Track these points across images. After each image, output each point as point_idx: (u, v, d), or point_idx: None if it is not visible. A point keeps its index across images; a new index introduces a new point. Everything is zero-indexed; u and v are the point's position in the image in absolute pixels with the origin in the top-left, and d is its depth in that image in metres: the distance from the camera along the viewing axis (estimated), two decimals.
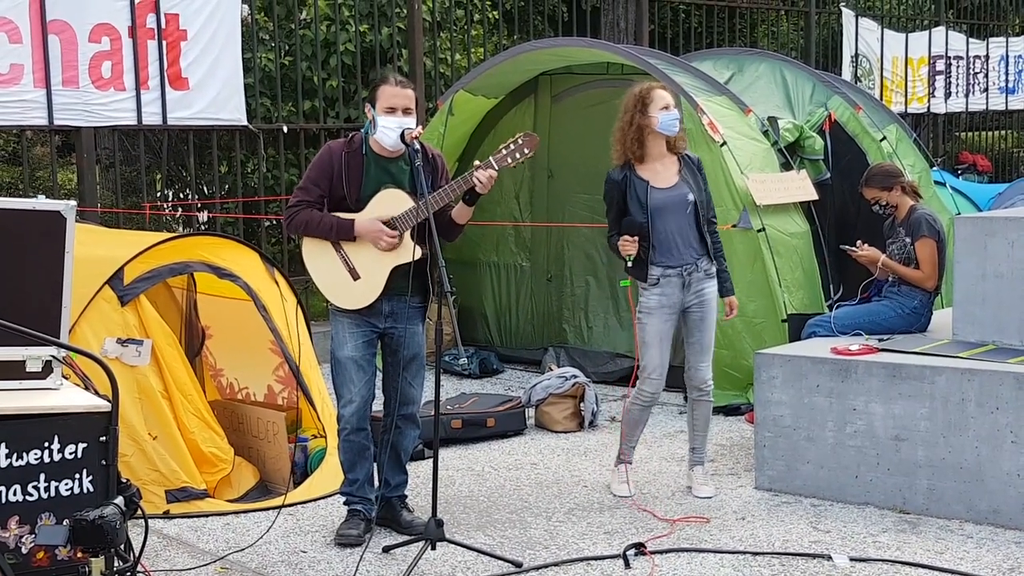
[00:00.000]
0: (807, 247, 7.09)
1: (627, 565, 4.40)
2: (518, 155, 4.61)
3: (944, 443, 4.91)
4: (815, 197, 7.25)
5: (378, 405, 4.88)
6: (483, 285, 8.57)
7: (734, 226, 6.78)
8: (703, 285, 5.18)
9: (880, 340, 5.54)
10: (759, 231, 6.82)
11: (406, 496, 4.94)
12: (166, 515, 4.99)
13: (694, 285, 5.16)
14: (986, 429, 4.81)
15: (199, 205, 9.31)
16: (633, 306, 5.26)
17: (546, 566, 4.41)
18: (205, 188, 9.85)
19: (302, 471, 5.51)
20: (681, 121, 5.25)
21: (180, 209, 9.76)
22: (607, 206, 5.26)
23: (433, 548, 4.40)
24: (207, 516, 5.05)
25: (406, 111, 4.64)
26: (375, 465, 4.85)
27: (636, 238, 5.08)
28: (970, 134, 14.70)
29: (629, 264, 5.14)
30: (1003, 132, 15.11)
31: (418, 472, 5.33)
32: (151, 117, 8.11)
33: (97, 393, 3.49)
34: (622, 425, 5.40)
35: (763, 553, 4.52)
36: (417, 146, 4.61)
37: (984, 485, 4.81)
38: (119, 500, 3.12)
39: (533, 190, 8.35)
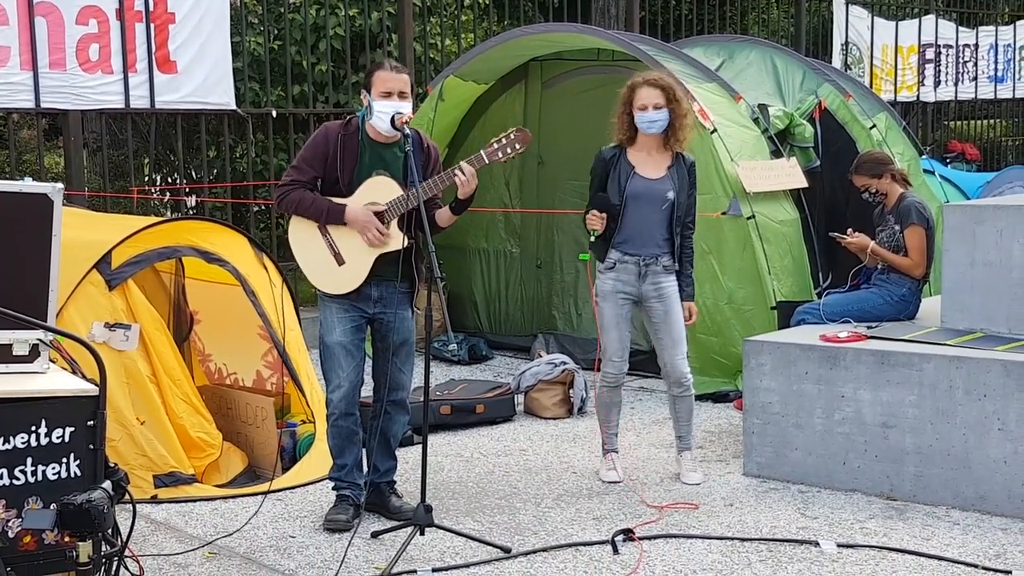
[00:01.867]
0: (796, 234, 7.10)
1: (615, 551, 4.41)
2: (509, 150, 4.61)
3: (932, 430, 4.92)
4: (805, 184, 7.26)
5: (367, 391, 4.87)
6: (472, 271, 8.57)
7: (724, 213, 6.79)
8: (661, 279, 5.16)
9: (869, 327, 5.55)
10: (749, 218, 6.82)
11: (395, 482, 4.93)
12: (154, 500, 4.97)
13: (651, 277, 5.14)
14: (973, 416, 4.82)
15: (187, 190, 9.27)
16: (592, 281, 5.25)
17: (535, 552, 4.41)
18: (193, 172, 9.81)
19: (290, 456, 5.50)
20: (677, 116, 5.13)
21: (168, 194, 9.72)
22: (591, 180, 5.26)
23: (422, 534, 4.40)
24: (195, 501, 5.04)
25: (402, 95, 4.62)
26: (364, 451, 4.84)
27: (604, 215, 5.08)
28: (959, 123, 14.73)
29: (592, 239, 5.14)
30: (992, 121, 15.15)
31: (407, 458, 5.33)
32: (139, 100, 8.07)
33: (85, 377, 3.47)
34: (598, 411, 5.41)
35: (751, 539, 4.53)
36: (407, 130, 4.59)
37: (971, 472, 4.83)
38: (107, 484, 3.11)
39: (523, 177, 8.34)
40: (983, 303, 5.32)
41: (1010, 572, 4.12)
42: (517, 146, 4.60)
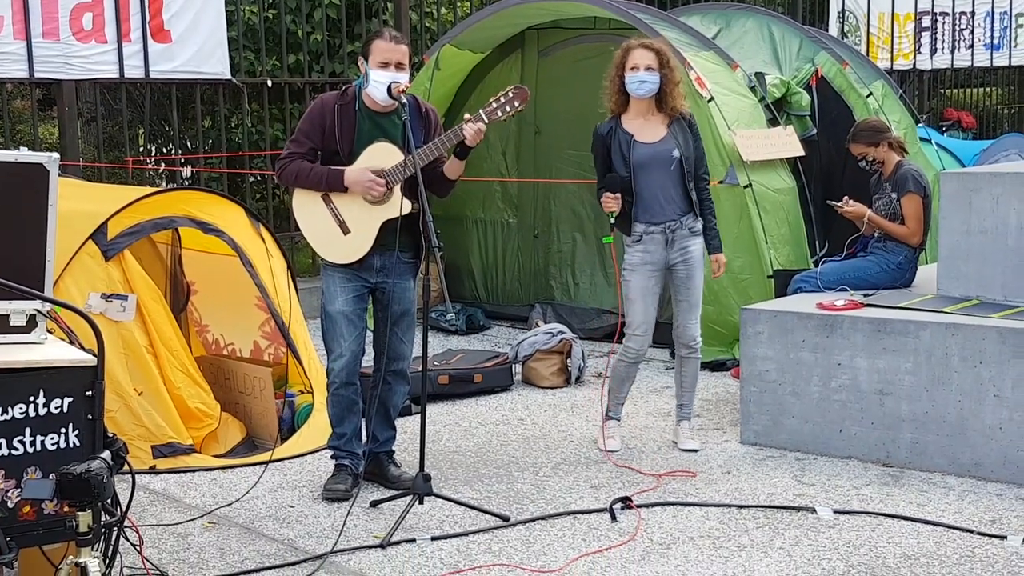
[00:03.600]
0: (793, 203, 7.09)
1: (614, 519, 4.43)
2: (508, 108, 4.58)
3: (927, 397, 4.94)
4: (801, 153, 7.24)
5: (367, 361, 4.87)
6: (470, 241, 8.56)
7: (721, 182, 6.77)
8: (687, 243, 5.17)
9: (865, 295, 5.56)
10: (746, 187, 6.81)
11: (394, 451, 4.95)
12: (152, 470, 4.99)
13: (678, 243, 5.15)
14: (969, 383, 4.84)
15: (182, 160, 9.24)
16: (616, 263, 5.25)
17: (533, 520, 4.44)
18: (188, 143, 9.77)
19: (289, 427, 5.51)
20: (669, 83, 5.13)
21: (163, 164, 9.69)
22: (594, 160, 5.24)
23: (421, 503, 4.42)
24: (194, 471, 5.06)
25: (399, 66, 4.60)
26: (363, 420, 4.85)
27: (618, 195, 5.06)
28: (955, 91, 14.68)
29: (612, 221, 5.13)
30: (988, 89, 15.09)
31: (405, 428, 5.34)
32: (133, 70, 8.02)
33: (82, 348, 3.47)
34: (609, 382, 5.41)
35: (748, 506, 4.55)
36: (404, 100, 4.57)
37: (966, 438, 4.85)
38: (105, 454, 3.11)
39: (520, 146, 8.31)
40: (979, 271, 5.33)
41: (1005, 537, 4.15)
42: (516, 104, 4.58)
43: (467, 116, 4.59)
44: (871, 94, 7.86)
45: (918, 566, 3.93)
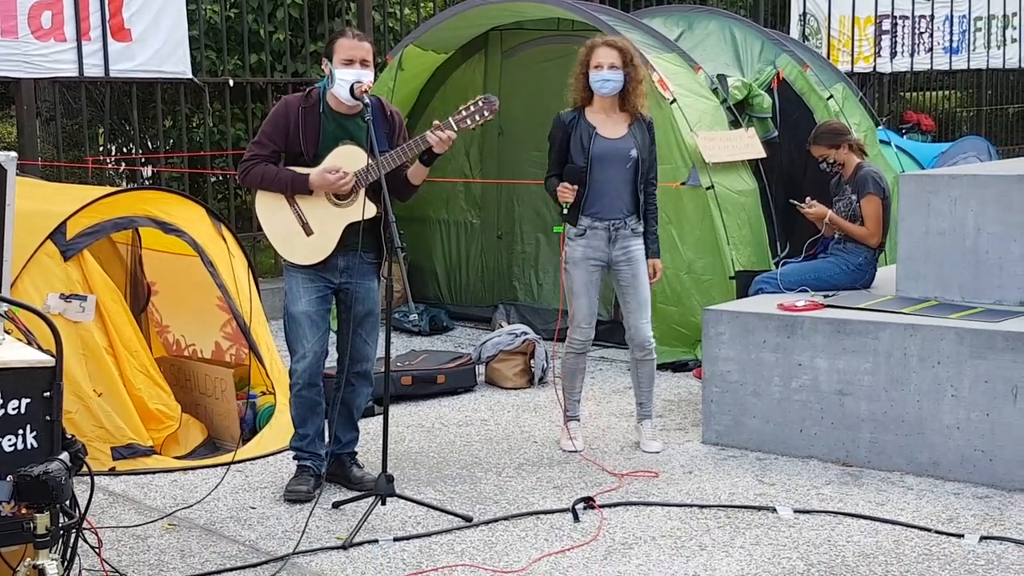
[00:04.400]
0: (755, 205, 7.15)
1: (576, 519, 4.44)
2: (478, 117, 4.59)
3: (886, 397, 5.00)
4: (763, 155, 7.30)
5: (330, 361, 4.85)
6: (433, 242, 8.55)
7: (683, 184, 6.81)
8: (629, 243, 5.19)
9: (825, 296, 5.61)
10: (708, 189, 6.86)
11: (356, 452, 4.93)
12: (112, 472, 4.94)
13: (620, 242, 5.17)
14: (927, 383, 4.90)
15: (143, 160, 9.16)
16: (563, 250, 5.27)
17: (496, 520, 4.44)
18: (149, 143, 9.69)
19: (251, 428, 5.48)
20: (632, 81, 5.16)
21: (123, 164, 9.60)
22: (550, 145, 5.26)
23: (383, 503, 4.41)
24: (154, 473, 5.01)
25: (363, 63, 4.59)
26: (326, 421, 4.83)
27: (575, 187, 5.09)
28: (915, 94, 14.85)
29: (564, 211, 5.15)
30: (947, 92, 15.28)
31: (368, 428, 5.33)
32: (93, 69, 7.94)
33: (40, 348, 3.43)
34: (562, 379, 5.43)
35: (710, 506, 4.58)
36: (367, 100, 4.56)
37: (925, 438, 4.91)
38: (64, 456, 3.08)
39: (484, 147, 8.31)
40: (937, 272, 5.39)
41: (962, 535, 4.20)
42: (486, 114, 4.59)
43: (436, 123, 4.59)
44: (832, 96, 7.93)
45: (877, 564, 3.97)
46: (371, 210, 4.54)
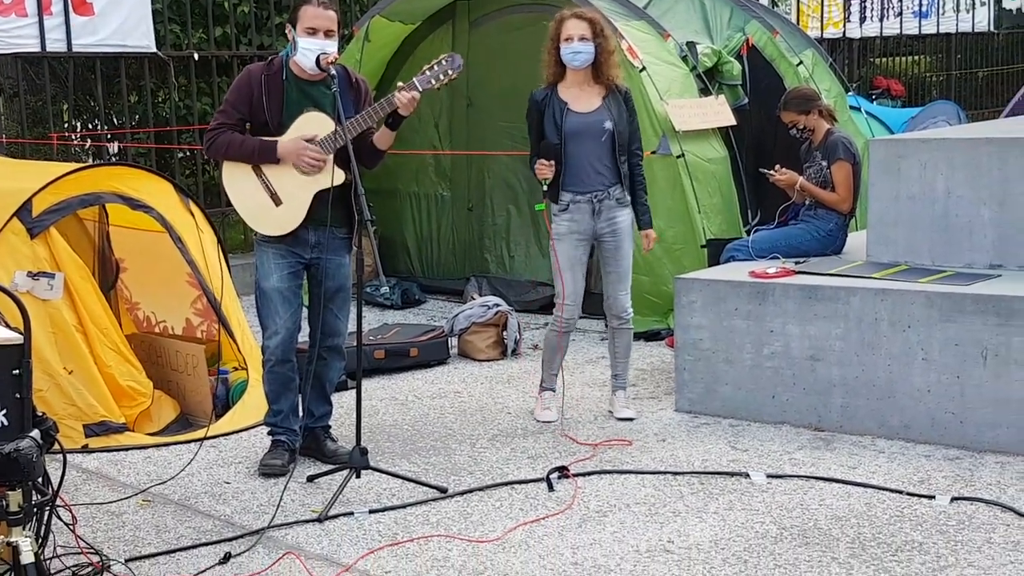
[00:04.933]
0: (725, 172, 7.15)
1: (551, 488, 4.46)
2: (442, 76, 4.55)
3: (857, 362, 5.03)
4: (733, 122, 7.30)
5: (303, 336, 4.83)
6: (403, 215, 8.51)
7: (653, 152, 6.80)
8: (614, 213, 5.18)
9: (797, 263, 5.63)
10: (678, 157, 6.85)
11: (330, 426, 4.92)
12: (85, 449, 4.91)
13: (605, 213, 5.16)
14: (898, 347, 4.93)
15: (109, 136, 9.05)
16: (550, 227, 5.27)
17: (471, 491, 4.44)
18: (114, 118, 9.57)
19: (223, 403, 5.45)
20: (604, 52, 5.13)
21: (89, 140, 9.48)
22: (528, 126, 5.24)
23: (358, 476, 4.40)
24: (127, 450, 4.99)
25: (328, 33, 4.54)
26: (299, 396, 4.82)
27: (552, 162, 5.07)
28: (884, 59, 14.89)
29: (545, 188, 5.14)
30: (916, 57, 15.34)
31: (341, 403, 5.32)
32: (55, 44, 7.83)
33: (8, 326, 3.39)
34: (544, 352, 5.43)
35: (683, 473, 4.61)
36: (333, 71, 4.51)
37: (895, 402, 4.95)
38: (35, 433, 3.06)
39: (452, 118, 8.27)
40: (907, 236, 5.42)
41: (933, 496, 4.24)
42: (450, 72, 4.55)
43: (400, 85, 4.55)
44: (801, 63, 7.94)
45: (849, 527, 4.01)
46: (340, 176, 4.50)
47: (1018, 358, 4.65)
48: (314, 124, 4.54)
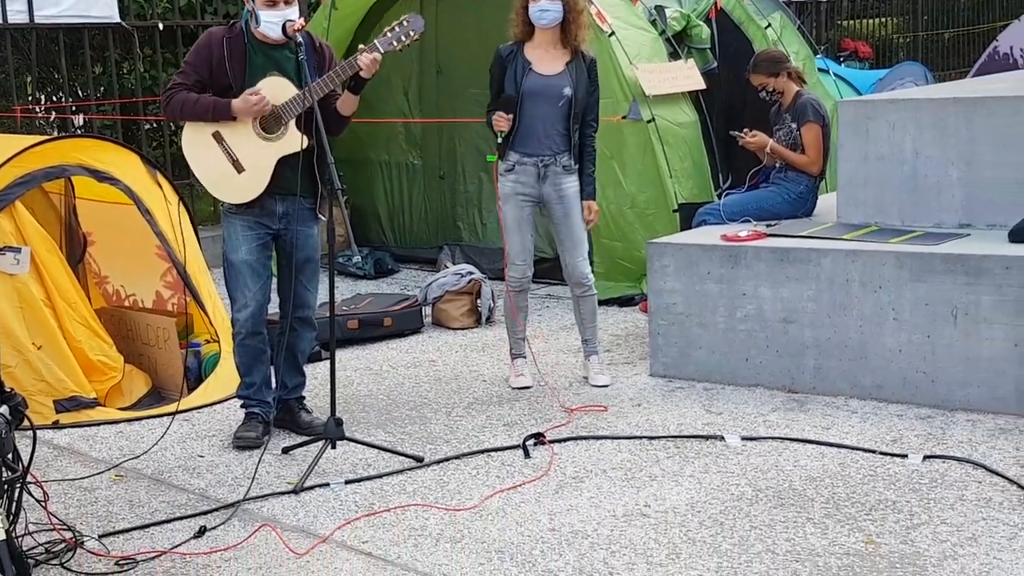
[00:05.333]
0: (696, 137, 7.14)
1: (527, 455, 4.46)
2: (403, 38, 4.50)
3: (830, 323, 5.05)
4: (703, 86, 7.28)
5: (273, 308, 4.80)
6: (375, 184, 8.45)
7: (624, 117, 6.78)
8: (561, 180, 5.16)
9: (768, 226, 5.64)
10: (649, 122, 6.83)
11: (304, 397, 4.90)
12: (56, 425, 4.87)
13: (551, 178, 5.14)
14: (869, 308, 4.96)
15: (73, 108, 8.92)
16: (497, 186, 5.25)
17: (447, 459, 4.44)
18: (79, 90, 9.43)
19: (196, 376, 5.42)
20: (572, 11, 5.10)
21: (53, 112, 9.35)
22: (490, 79, 5.22)
23: (333, 447, 4.39)
24: (98, 425, 4.95)
25: (287, 1, 4.48)
26: (272, 368, 4.79)
27: (510, 116, 5.05)
28: (851, 22, 14.89)
29: (499, 140, 5.12)
30: (883, 19, 15.35)
31: (316, 374, 5.30)
32: (17, 15, 7.70)
33: None
34: (505, 318, 5.43)
35: (659, 437, 4.62)
36: (300, 39, 4.46)
37: (867, 362, 4.98)
38: (3, 409, 3.02)
39: (422, 86, 8.21)
40: (877, 197, 5.44)
41: (906, 455, 4.28)
42: (411, 33, 4.50)
43: (361, 47, 4.51)
44: (769, 25, 7.92)
45: (823, 487, 4.04)
46: (304, 141, 4.45)
47: (987, 316, 4.69)
48: (276, 88, 4.48)
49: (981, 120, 5.20)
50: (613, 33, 6.87)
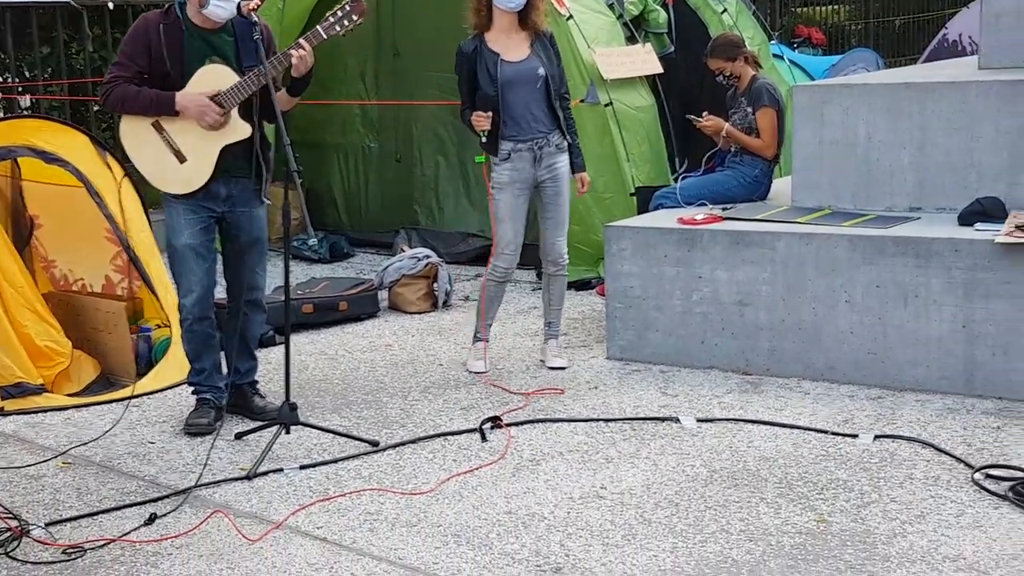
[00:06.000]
0: (653, 121, 7.15)
1: (483, 438, 4.45)
2: (347, 22, 4.42)
3: (784, 305, 5.08)
4: (660, 70, 7.28)
5: (221, 292, 4.73)
6: (331, 168, 8.38)
7: (582, 101, 6.77)
8: (555, 160, 5.17)
9: (724, 209, 5.65)
10: (607, 106, 6.83)
11: (257, 382, 4.85)
12: (0, 412, 4.78)
13: (545, 159, 5.14)
14: (822, 290, 4.99)
15: (20, 88, 8.75)
16: (488, 183, 5.23)
17: (403, 444, 4.42)
18: (26, 71, 9.25)
19: (146, 362, 5.34)
20: (534, 0, 5.10)
21: (0, 93, 9.17)
22: (458, 79, 5.18)
23: (287, 432, 4.34)
24: (45, 411, 4.86)
25: None
26: (222, 353, 4.72)
27: (490, 113, 5.02)
28: (805, 8, 15.00)
29: (483, 140, 5.09)
30: (836, 6, 15.47)
31: (270, 359, 5.24)
32: None
33: None
34: (479, 302, 5.41)
35: (615, 419, 4.62)
36: (255, 18, 4.39)
37: (820, 344, 5.01)
38: None
39: (379, 69, 8.14)
40: (831, 181, 5.47)
41: (857, 435, 4.31)
42: (355, 17, 4.43)
43: (298, 41, 4.42)
44: (725, 10, 7.94)
45: (777, 467, 4.06)
46: (246, 130, 4.39)
47: (937, 298, 4.73)
48: (216, 76, 4.39)
49: (933, 105, 5.24)
50: (571, 17, 6.85)
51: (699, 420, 4.57)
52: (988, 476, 3.86)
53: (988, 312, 4.64)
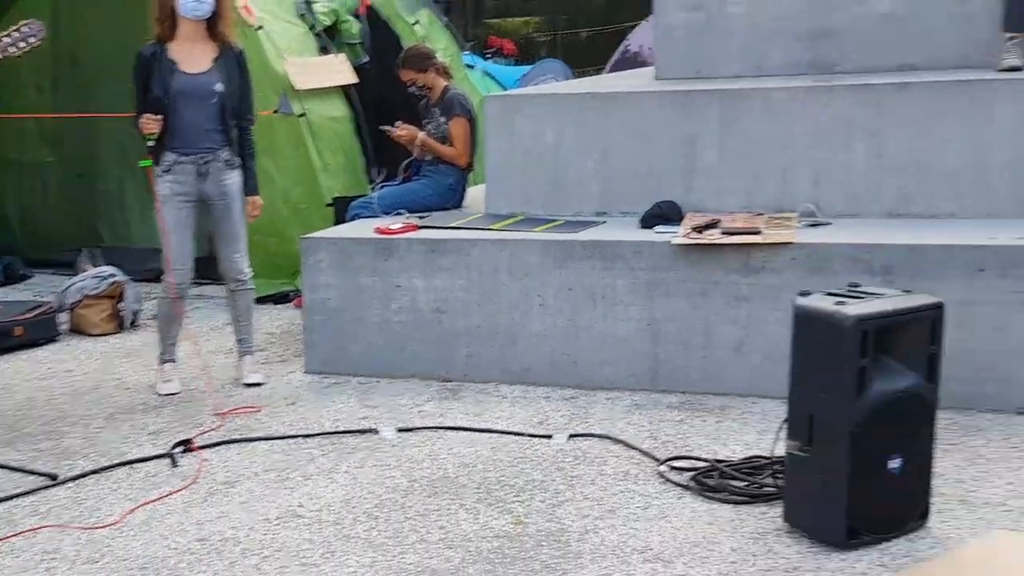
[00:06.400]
0: (348, 131, 7.10)
1: (174, 464, 4.23)
2: (23, 44, 4.17)
3: (480, 311, 5.15)
4: (355, 81, 7.24)
5: None
6: (5, 185, 7.80)
7: (276, 112, 6.63)
8: (223, 176, 5.00)
9: (421, 217, 5.68)
10: (300, 116, 6.72)
11: None
12: None
13: (213, 175, 4.97)
14: (516, 295, 5.10)
15: None
16: (155, 188, 4.98)
17: (84, 475, 4.12)
18: None
19: None
20: (223, 8, 4.90)
21: None
22: (134, 84, 4.92)
23: None
24: None
25: None
26: None
27: (160, 118, 4.80)
28: (497, 20, 15.46)
29: (150, 144, 4.85)
30: (527, 19, 16.05)
31: None
32: None
33: None
34: (158, 323, 5.16)
35: (313, 435, 4.52)
36: None
37: (516, 348, 5.12)
38: None
39: (57, 78, 7.66)
40: (522, 188, 5.62)
41: (551, 436, 4.43)
42: (32, 40, 4.16)
43: None
44: (418, 22, 8.01)
45: (476, 472, 4.09)
46: None
47: (623, 299, 4.95)
48: None
49: (616, 114, 5.48)
50: (261, 27, 6.69)
51: (399, 430, 4.54)
52: (672, 468, 4.05)
53: (669, 310, 4.89)
